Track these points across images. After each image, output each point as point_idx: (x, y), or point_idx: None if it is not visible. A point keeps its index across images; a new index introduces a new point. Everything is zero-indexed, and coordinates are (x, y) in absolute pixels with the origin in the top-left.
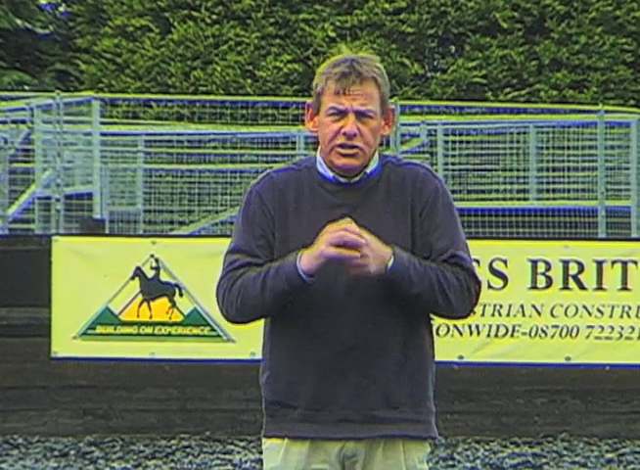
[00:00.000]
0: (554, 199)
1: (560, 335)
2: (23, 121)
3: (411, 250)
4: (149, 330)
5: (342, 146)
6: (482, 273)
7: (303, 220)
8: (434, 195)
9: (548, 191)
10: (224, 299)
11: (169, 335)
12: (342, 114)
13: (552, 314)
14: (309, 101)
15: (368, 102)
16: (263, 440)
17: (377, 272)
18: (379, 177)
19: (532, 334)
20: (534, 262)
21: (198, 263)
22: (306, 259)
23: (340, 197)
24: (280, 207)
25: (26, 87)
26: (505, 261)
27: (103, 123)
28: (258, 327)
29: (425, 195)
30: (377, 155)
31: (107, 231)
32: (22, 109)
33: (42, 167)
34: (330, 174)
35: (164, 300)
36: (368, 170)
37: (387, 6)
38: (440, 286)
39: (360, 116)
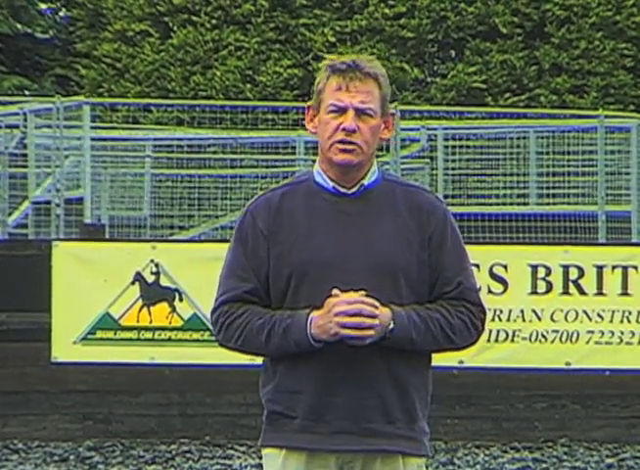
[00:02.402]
0: (554, 204)
1: (560, 340)
2: (17, 126)
3: (416, 272)
4: (149, 335)
5: (341, 142)
6: (482, 278)
7: (301, 231)
8: (442, 222)
9: (548, 196)
10: (221, 332)
11: (169, 340)
12: (341, 110)
13: (552, 319)
14: (310, 102)
15: (369, 100)
16: (262, 449)
17: (377, 337)
18: (379, 191)
19: (532, 339)
20: (534, 267)
21: (198, 268)
22: (319, 331)
23: (338, 206)
24: (275, 222)
25: (26, 92)
26: (505, 266)
27: (102, 128)
28: None
29: (434, 221)
30: (375, 166)
31: (107, 236)
32: (17, 113)
33: (35, 173)
34: (330, 185)
35: (164, 304)
36: (366, 182)
37: (386, 11)
38: (445, 334)
39: (360, 113)
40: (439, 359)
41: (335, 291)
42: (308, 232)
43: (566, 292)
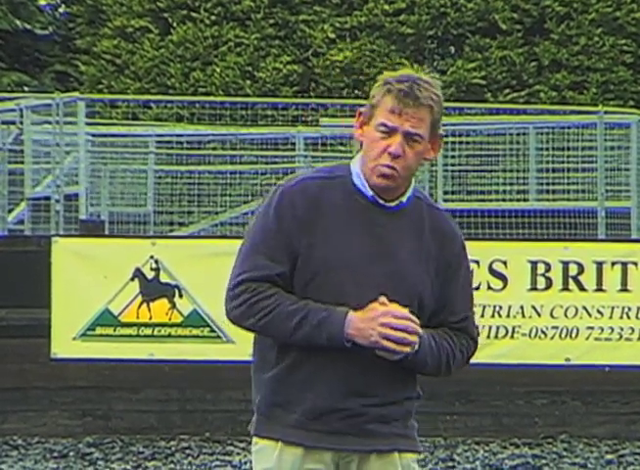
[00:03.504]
0: (554, 200)
1: (560, 336)
2: (14, 122)
3: (427, 298)
4: (148, 331)
5: (385, 166)
6: (482, 274)
7: (337, 227)
8: (460, 253)
9: (548, 192)
10: (242, 307)
11: (169, 336)
12: (391, 131)
13: (552, 315)
14: (362, 108)
15: (419, 126)
16: (255, 439)
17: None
18: (411, 208)
19: (532, 335)
20: (534, 263)
21: (198, 264)
22: (357, 333)
23: (374, 216)
24: (311, 212)
25: (26, 88)
26: (505, 262)
27: (98, 124)
28: None
29: (454, 249)
30: (413, 183)
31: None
32: (13, 110)
33: (32, 169)
34: (369, 193)
35: (164, 301)
36: (404, 199)
37: (386, 7)
38: (447, 364)
39: (408, 137)
40: None
41: (382, 298)
42: (343, 230)
43: (565, 288)
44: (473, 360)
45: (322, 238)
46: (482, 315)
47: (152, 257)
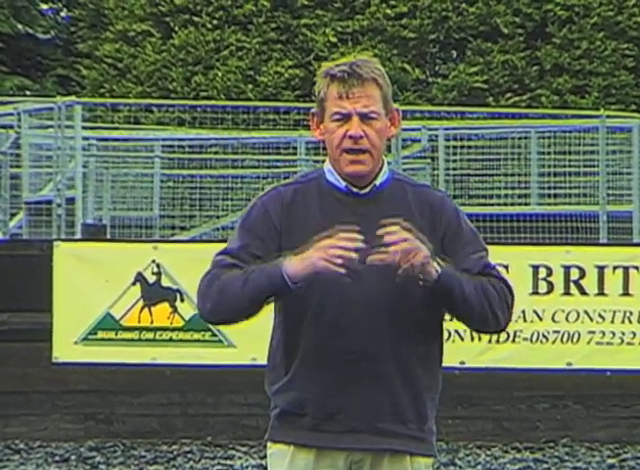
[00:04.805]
0: (555, 204)
1: (561, 340)
2: (12, 126)
3: None
4: (150, 335)
5: (349, 150)
6: None
7: (316, 229)
8: (455, 216)
9: (549, 196)
10: (204, 293)
11: (170, 340)
12: (346, 117)
13: (553, 320)
14: (313, 109)
15: (371, 103)
16: (268, 444)
17: (431, 267)
18: (390, 191)
19: (534, 339)
20: (536, 268)
21: (199, 269)
22: (294, 265)
23: (350, 206)
24: (288, 220)
25: (28, 92)
26: (506, 267)
27: (96, 129)
28: (259, 332)
29: (445, 217)
30: (386, 165)
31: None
32: (11, 114)
33: (29, 173)
34: (342, 184)
35: (165, 305)
36: (378, 182)
37: (388, 11)
38: (485, 292)
39: (364, 118)
40: None
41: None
42: (324, 226)
43: (567, 292)
44: (474, 365)
45: (302, 239)
46: None
47: (153, 261)
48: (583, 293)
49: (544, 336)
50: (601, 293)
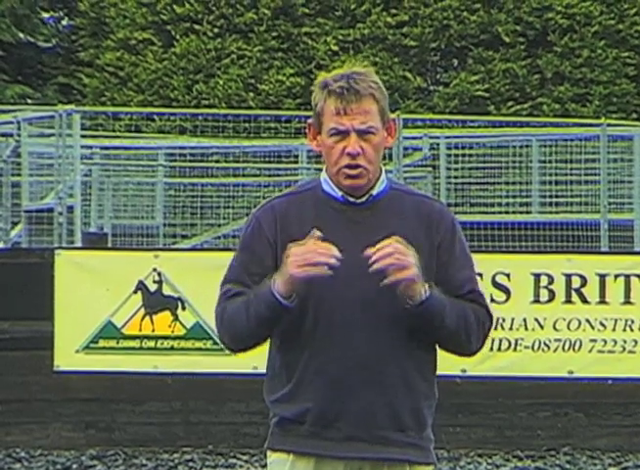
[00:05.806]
0: (557, 212)
1: (562, 348)
2: (12, 135)
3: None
4: (151, 343)
5: (347, 167)
6: (485, 287)
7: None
8: (451, 229)
9: (551, 204)
10: (219, 328)
11: (172, 348)
12: (343, 134)
13: (555, 328)
14: (310, 120)
15: (368, 119)
16: (268, 452)
17: (415, 290)
18: (387, 200)
19: (535, 347)
20: (537, 276)
21: (200, 277)
22: (278, 283)
23: (347, 215)
24: (282, 232)
25: (29, 100)
26: (508, 275)
27: (105, 137)
28: None
29: (442, 228)
30: (383, 175)
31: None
32: (11, 122)
33: (29, 181)
34: (338, 193)
35: (167, 313)
36: (374, 192)
37: (389, 19)
38: (466, 321)
39: (362, 134)
40: (442, 368)
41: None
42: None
43: (568, 300)
44: (476, 373)
45: None
46: None
47: (154, 269)
48: (585, 301)
49: (545, 344)
50: (602, 301)
